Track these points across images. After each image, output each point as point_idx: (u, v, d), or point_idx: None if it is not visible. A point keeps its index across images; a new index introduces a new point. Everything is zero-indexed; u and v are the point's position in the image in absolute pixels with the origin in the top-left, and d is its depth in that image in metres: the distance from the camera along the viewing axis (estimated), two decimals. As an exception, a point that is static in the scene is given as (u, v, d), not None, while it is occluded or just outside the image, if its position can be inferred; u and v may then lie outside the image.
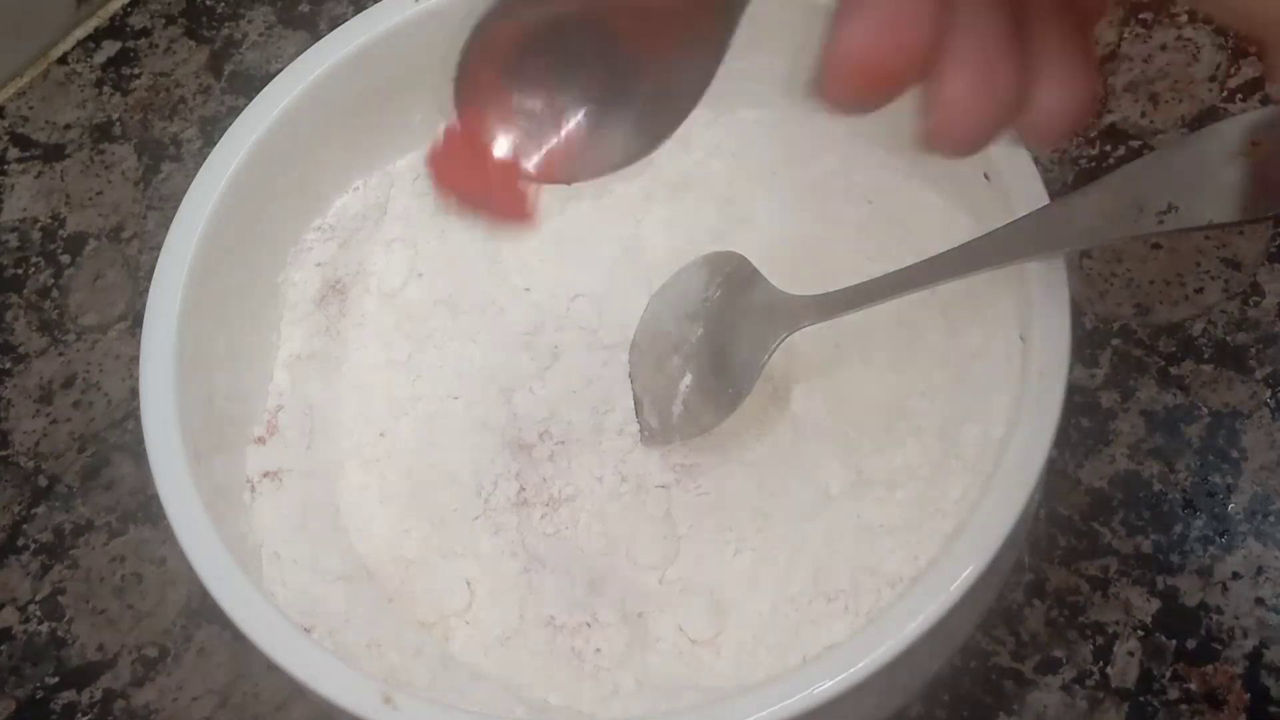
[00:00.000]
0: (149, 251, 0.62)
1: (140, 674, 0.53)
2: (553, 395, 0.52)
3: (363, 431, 0.51)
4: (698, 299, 0.50)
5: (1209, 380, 0.54)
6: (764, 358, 0.47)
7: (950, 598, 0.38)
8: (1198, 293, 0.55)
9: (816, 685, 0.37)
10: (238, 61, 0.67)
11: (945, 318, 0.48)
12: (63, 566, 0.56)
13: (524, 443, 0.51)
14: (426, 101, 0.52)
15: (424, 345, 0.52)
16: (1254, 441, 0.52)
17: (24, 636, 0.55)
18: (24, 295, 0.62)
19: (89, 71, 0.68)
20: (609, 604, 0.47)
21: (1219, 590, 0.50)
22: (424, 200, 0.53)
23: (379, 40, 0.49)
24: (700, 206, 0.54)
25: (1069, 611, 0.50)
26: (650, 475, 0.50)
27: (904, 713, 0.49)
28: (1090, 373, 0.54)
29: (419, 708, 0.38)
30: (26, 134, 0.67)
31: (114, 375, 0.60)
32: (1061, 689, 0.49)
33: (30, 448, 0.58)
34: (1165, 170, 0.39)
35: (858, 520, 0.47)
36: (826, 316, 0.46)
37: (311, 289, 0.51)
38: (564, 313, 0.53)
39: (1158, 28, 0.62)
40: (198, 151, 0.65)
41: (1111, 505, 0.52)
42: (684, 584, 0.48)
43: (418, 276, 0.53)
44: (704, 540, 0.49)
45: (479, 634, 0.47)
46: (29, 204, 0.65)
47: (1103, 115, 0.60)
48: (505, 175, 0.36)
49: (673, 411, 0.49)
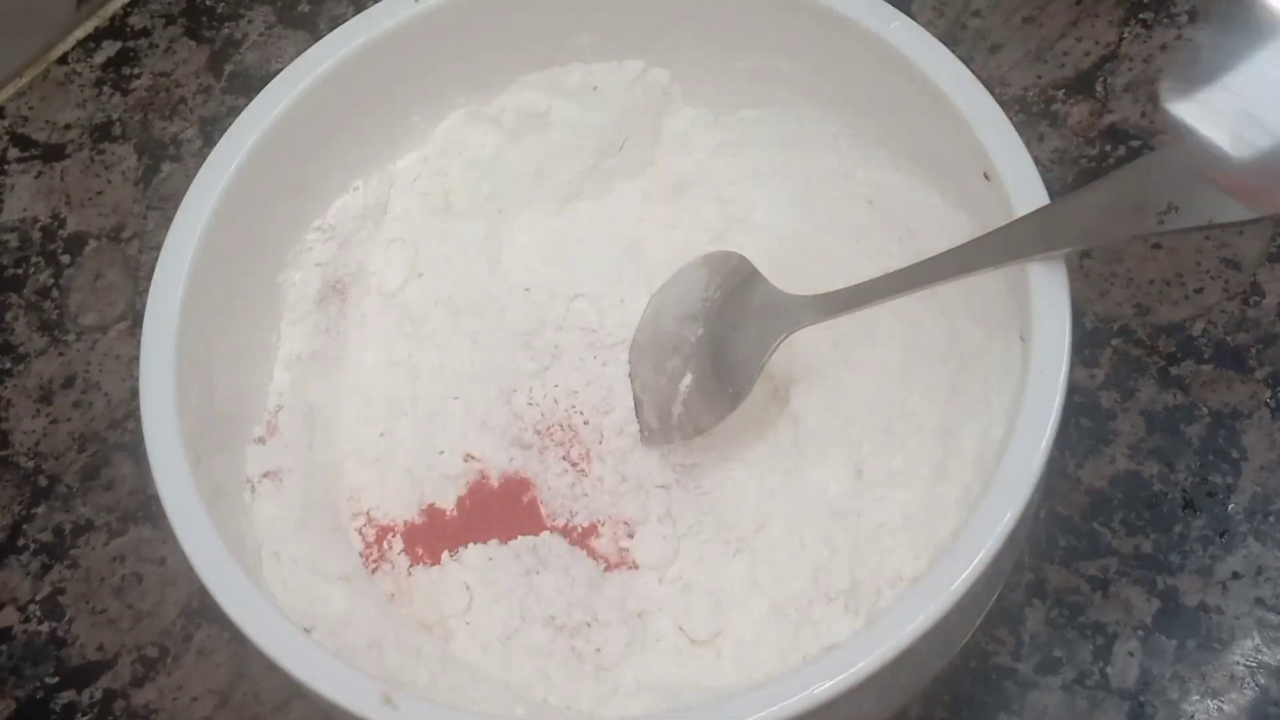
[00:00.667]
0: (149, 251, 0.62)
1: (140, 674, 0.53)
2: (553, 395, 0.52)
3: (363, 431, 0.51)
4: (698, 299, 0.50)
5: (1209, 380, 0.54)
6: (764, 358, 0.47)
7: (950, 598, 0.37)
8: (1198, 293, 0.55)
9: (816, 685, 0.37)
10: (238, 61, 0.67)
11: (945, 318, 0.48)
12: (63, 566, 0.56)
13: (524, 443, 0.51)
14: (426, 101, 0.52)
15: (424, 345, 0.52)
16: (1254, 441, 0.52)
17: (24, 636, 0.54)
18: (24, 295, 0.62)
19: (89, 71, 0.68)
20: (609, 604, 0.47)
21: (1219, 590, 0.50)
22: (424, 200, 0.53)
23: (379, 40, 0.49)
24: (700, 206, 0.54)
25: (1069, 611, 0.50)
26: (650, 475, 0.50)
27: (904, 713, 0.49)
28: (1090, 373, 0.54)
29: (419, 708, 0.38)
30: (26, 134, 0.67)
31: (114, 375, 0.60)
32: (1061, 689, 0.49)
33: (30, 448, 0.58)
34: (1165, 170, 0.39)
35: (858, 520, 0.47)
36: (826, 316, 0.46)
37: (311, 289, 0.51)
38: (564, 313, 0.53)
39: (1158, 28, 0.62)
40: (198, 151, 0.65)
41: (1111, 505, 0.52)
42: (684, 584, 0.48)
43: (418, 276, 0.53)
44: (704, 540, 0.49)
45: (479, 634, 0.47)
46: (29, 204, 0.65)
47: (1103, 115, 0.60)
48: None
49: (673, 411, 0.49)
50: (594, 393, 0.52)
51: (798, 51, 0.50)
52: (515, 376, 0.52)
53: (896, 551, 0.45)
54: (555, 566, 0.48)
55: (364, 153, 0.52)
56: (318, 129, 0.49)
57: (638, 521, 0.49)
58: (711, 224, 0.54)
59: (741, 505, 0.49)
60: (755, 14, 0.50)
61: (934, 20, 0.63)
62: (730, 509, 0.49)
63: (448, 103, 0.52)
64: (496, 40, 0.51)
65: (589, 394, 0.52)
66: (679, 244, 0.53)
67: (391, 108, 0.51)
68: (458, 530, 0.50)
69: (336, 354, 0.52)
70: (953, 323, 0.48)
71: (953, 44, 0.48)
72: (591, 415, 0.51)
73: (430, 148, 0.53)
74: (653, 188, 0.55)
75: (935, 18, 0.63)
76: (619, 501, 0.50)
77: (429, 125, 0.53)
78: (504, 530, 0.49)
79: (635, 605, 0.48)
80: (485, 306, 0.53)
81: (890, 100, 0.47)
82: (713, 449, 0.50)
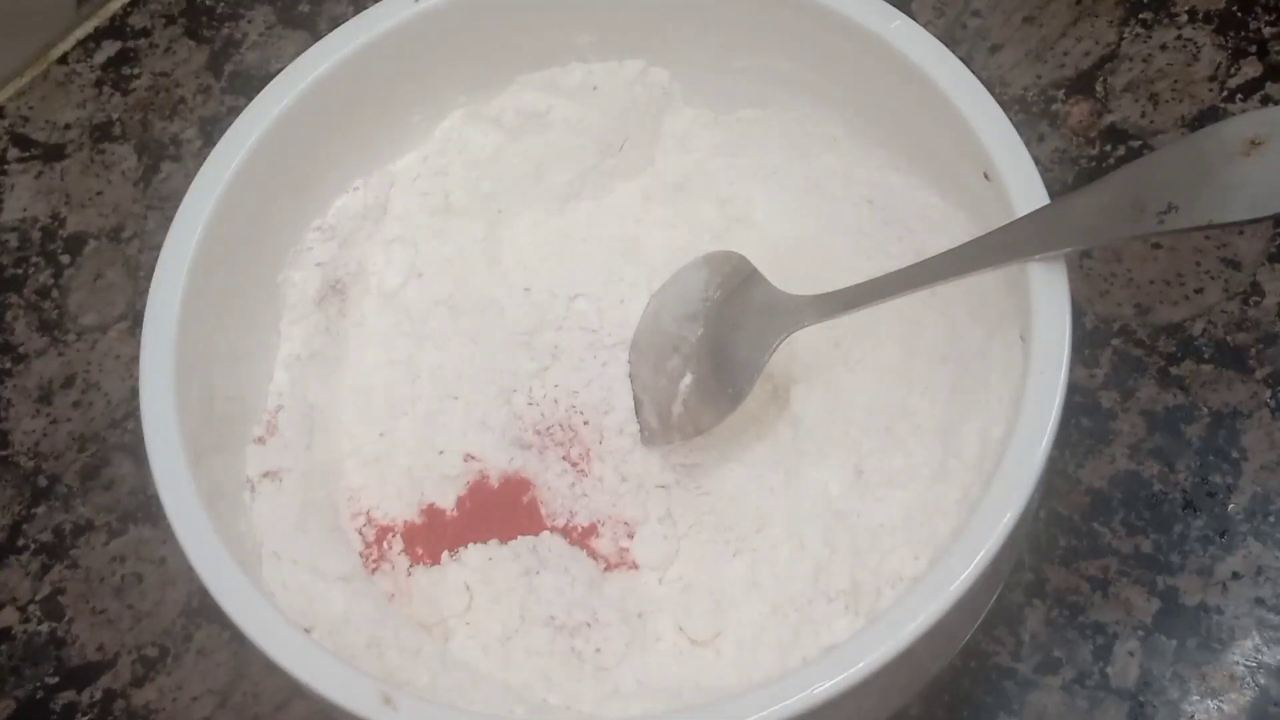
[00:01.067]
0: (149, 251, 0.62)
1: (140, 674, 0.53)
2: (553, 395, 0.52)
3: (362, 431, 0.51)
4: (698, 299, 0.50)
5: (1209, 380, 0.54)
6: (764, 358, 0.47)
7: (950, 598, 0.37)
8: (1198, 293, 0.55)
9: (816, 685, 0.37)
10: (238, 61, 0.67)
11: (945, 317, 0.48)
12: (63, 566, 0.56)
13: (524, 443, 0.51)
14: (426, 101, 0.52)
15: (424, 345, 0.52)
16: (1254, 441, 0.52)
17: (24, 636, 0.55)
18: (24, 295, 0.62)
19: (89, 71, 0.68)
20: (609, 604, 0.47)
21: (1219, 590, 0.50)
22: (424, 200, 0.53)
23: (379, 40, 0.49)
24: (700, 206, 0.54)
25: (1069, 611, 0.50)
26: (650, 475, 0.50)
27: (904, 713, 0.49)
28: (1090, 373, 0.54)
29: (419, 708, 0.38)
30: (26, 134, 0.67)
31: (114, 375, 0.60)
32: (1061, 689, 0.49)
33: (30, 448, 0.58)
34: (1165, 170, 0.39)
35: (858, 520, 0.47)
36: (826, 316, 0.46)
37: (311, 289, 0.51)
38: (564, 313, 0.53)
39: (1158, 28, 0.62)
40: (198, 151, 0.65)
41: (1111, 505, 0.52)
42: (684, 584, 0.48)
43: (418, 276, 0.53)
44: (704, 540, 0.49)
45: (479, 634, 0.47)
46: (29, 204, 0.65)
47: (1103, 115, 0.60)
48: None
49: (673, 411, 0.49)
50: (594, 393, 0.52)
51: (798, 51, 0.50)
52: (515, 376, 0.52)
53: (896, 551, 0.45)
54: (555, 566, 0.48)
55: (364, 153, 0.52)
56: (318, 129, 0.49)
57: (638, 521, 0.49)
58: (711, 224, 0.54)
59: (741, 505, 0.49)
60: (755, 14, 0.50)
61: (934, 20, 0.63)
62: (730, 509, 0.49)
63: (448, 103, 0.52)
64: (496, 40, 0.51)
65: (589, 394, 0.52)
66: (679, 244, 0.53)
67: (391, 108, 0.51)
68: (458, 530, 0.50)
69: (336, 354, 0.51)
70: (953, 322, 0.48)
71: (953, 44, 0.48)
72: (591, 415, 0.51)
73: (430, 148, 0.53)
74: (653, 188, 0.55)
75: (935, 18, 0.63)
76: (619, 501, 0.50)
77: (429, 125, 0.53)
78: (504, 530, 0.49)
79: (635, 605, 0.48)
80: (485, 306, 0.53)
81: (890, 100, 0.47)
82: (713, 449, 0.50)
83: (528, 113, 0.53)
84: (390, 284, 0.52)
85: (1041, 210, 0.42)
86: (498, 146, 0.53)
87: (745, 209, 0.54)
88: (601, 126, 0.53)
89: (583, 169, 0.54)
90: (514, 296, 0.53)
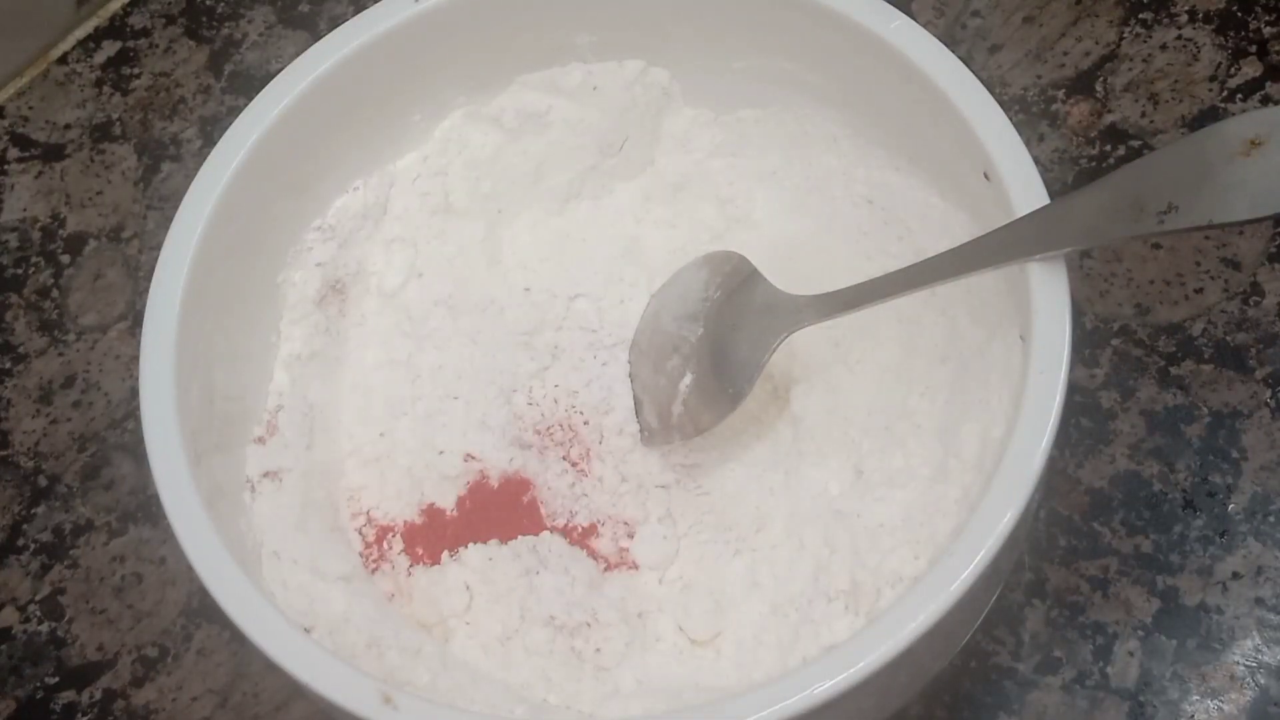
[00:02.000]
0: (149, 251, 0.62)
1: (140, 674, 0.53)
2: (553, 395, 0.52)
3: (363, 431, 0.51)
4: (698, 299, 0.50)
5: (1209, 380, 0.54)
6: (764, 358, 0.47)
7: (950, 598, 0.37)
8: (1198, 293, 0.55)
9: (816, 685, 0.37)
10: (238, 61, 0.67)
11: (945, 318, 0.48)
12: (63, 566, 0.56)
13: (524, 443, 0.51)
14: (426, 101, 0.52)
15: (424, 345, 0.52)
16: (1254, 441, 0.52)
17: (24, 636, 0.55)
18: (24, 295, 0.62)
19: (89, 71, 0.68)
20: (609, 604, 0.47)
21: (1219, 590, 0.50)
22: (424, 200, 0.53)
23: (379, 40, 0.49)
24: (700, 206, 0.54)
25: (1069, 611, 0.50)
26: (650, 475, 0.50)
27: (904, 713, 0.49)
28: (1090, 373, 0.54)
29: (419, 708, 0.38)
30: (26, 134, 0.67)
31: (114, 375, 0.60)
32: (1061, 689, 0.49)
33: (30, 448, 0.58)
34: (1165, 170, 0.39)
35: (858, 520, 0.47)
36: (826, 316, 0.46)
37: (311, 289, 0.51)
38: (564, 313, 0.53)
39: (1158, 28, 0.62)
40: (198, 151, 0.65)
41: (1111, 505, 0.52)
42: (684, 584, 0.48)
43: (418, 276, 0.53)
44: (704, 540, 0.49)
45: (479, 634, 0.47)
46: (29, 204, 0.65)
47: (1103, 115, 0.60)
48: None
49: (673, 411, 0.49)
50: (594, 393, 0.52)
51: (798, 51, 0.50)
52: (515, 376, 0.52)
53: (896, 551, 0.45)
54: (555, 566, 0.48)
55: (364, 153, 0.52)
56: (318, 129, 0.49)
57: (638, 521, 0.49)
58: (711, 224, 0.54)
59: (741, 505, 0.49)
60: (755, 14, 0.50)
61: (934, 20, 0.63)
62: (730, 509, 0.49)
63: (448, 103, 0.52)
64: (496, 40, 0.51)
65: (589, 394, 0.52)
66: (679, 244, 0.53)
67: (391, 108, 0.51)
68: (458, 530, 0.50)
69: (336, 354, 0.52)
70: (953, 323, 0.48)
71: (953, 44, 0.48)
72: (591, 415, 0.51)
73: (430, 148, 0.53)
74: (652, 188, 0.55)
75: (935, 18, 0.63)
76: (619, 501, 0.50)
77: (429, 125, 0.53)
78: (504, 530, 0.49)
79: (635, 605, 0.48)
80: (485, 306, 0.53)
81: (890, 100, 0.47)
82: (713, 449, 0.50)
83: (528, 113, 0.53)
84: (390, 284, 0.52)
85: (1041, 210, 0.42)
86: (498, 146, 0.53)
87: (745, 209, 0.54)
88: (601, 126, 0.53)
89: (583, 169, 0.54)
90: (514, 296, 0.53)
